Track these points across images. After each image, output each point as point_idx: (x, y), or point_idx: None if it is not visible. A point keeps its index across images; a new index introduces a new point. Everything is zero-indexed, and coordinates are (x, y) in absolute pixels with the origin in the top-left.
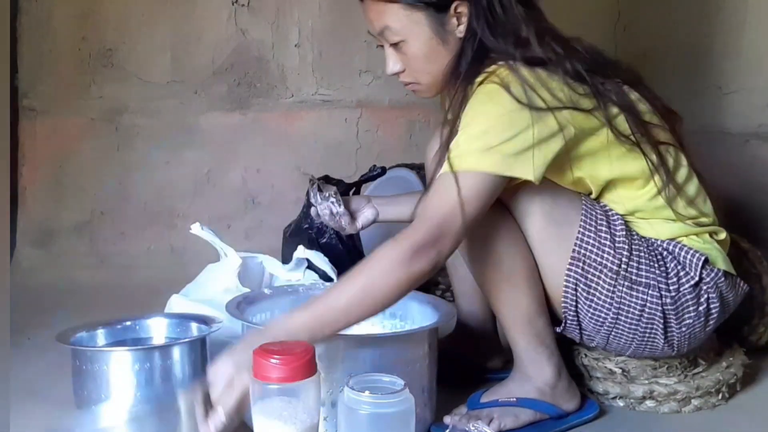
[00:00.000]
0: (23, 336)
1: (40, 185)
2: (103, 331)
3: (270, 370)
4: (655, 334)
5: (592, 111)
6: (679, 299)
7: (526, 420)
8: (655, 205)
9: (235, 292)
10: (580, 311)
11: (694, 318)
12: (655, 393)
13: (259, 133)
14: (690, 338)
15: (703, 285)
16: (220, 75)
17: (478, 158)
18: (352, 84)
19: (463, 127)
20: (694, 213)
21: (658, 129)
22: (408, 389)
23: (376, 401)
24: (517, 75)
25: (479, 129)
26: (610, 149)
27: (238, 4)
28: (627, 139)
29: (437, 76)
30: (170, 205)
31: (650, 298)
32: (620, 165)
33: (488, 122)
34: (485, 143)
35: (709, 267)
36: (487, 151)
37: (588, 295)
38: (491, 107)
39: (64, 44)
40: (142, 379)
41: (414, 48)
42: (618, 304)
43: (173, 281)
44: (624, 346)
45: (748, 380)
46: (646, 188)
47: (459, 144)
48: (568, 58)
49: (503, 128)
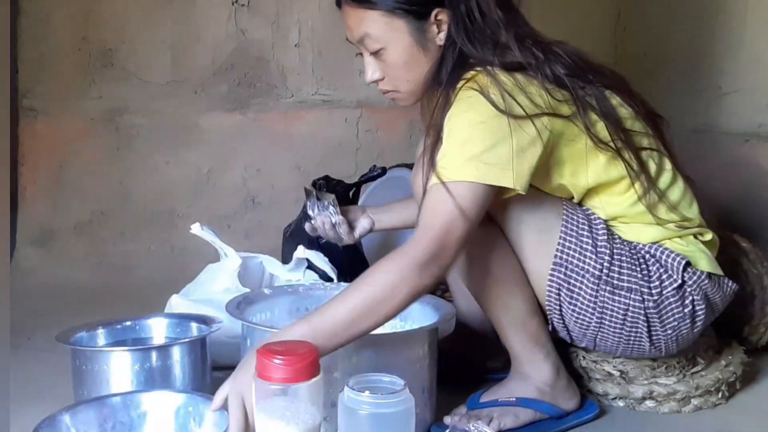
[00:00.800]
0: (23, 336)
1: (40, 185)
2: (103, 331)
3: (273, 370)
4: (640, 337)
5: (571, 117)
6: (662, 302)
7: (526, 420)
8: (636, 211)
9: (235, 292)
10: (565, 315)
11: (679, 320)
12: (655, 393)
13: (259, 133)
14: (678, 340)
15: (686, 287)
16: (220, 75)
17: (464, 168)
18: (352, 84)
19: (447, 135)
20: (676, 218)
21: (640, 135)
22: (408, 389)
23: (376, 401)
24: (496, 81)
25: (461, 138)
26: (589, 156)
27: (238, 4)
28: (606, 146)
29: (417, 83)
30: (170, 205)
31: (632, 302)
32: (600, 172)
33: (469, 131)
34: (469, 152)
35: (692, 269)
36: (470, 161)
37: (571, 300)
38: (471, 115)
39: (64, 44)
40: (141, 379)
41: (394, 55)
42: (601, 309)
43: (173, 281)
44: (612, 348)
45: (748, 379)
46: (626, 194)
47: (445, 153)
48: (549, 63)
49: (483, 137)
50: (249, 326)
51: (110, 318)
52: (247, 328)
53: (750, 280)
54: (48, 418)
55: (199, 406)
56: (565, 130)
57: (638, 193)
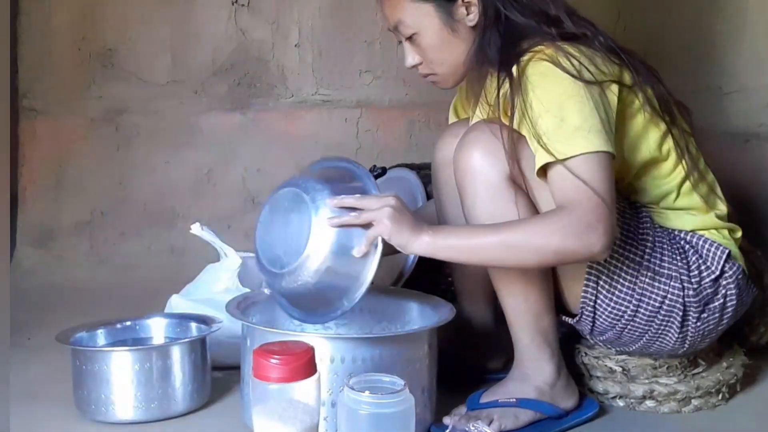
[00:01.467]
0: (23, 336)
1: (40, 185)
2: (103, 331)
3: (270, 370)
4: (670, 328)
5: (633, 87)
6: (701, 292)
7: (526, 420)
8: (682, 191)
9: (235, 292)
10: (599, 305)
11: (711, 312)
12: (655, 393)
13: (259, 133)
14: (704, 334)
15: (723, 280)
16: (220, 75)
17: (582, 140)
18: (352, 84)
19: (536, 113)
20: (716, 204)
21: (680, 117)
22: (408, 389)
23: (376, 401)
24: (563, 51)
25: (555, 112)
26: (645, 130)
27: (238, 4)
28: (661, 119)
29: (453, 65)
30: (170, 205)
31: (672, 289)
32: (654, 148)
33: (559, 103)
34: (574, 124)
35: (732, 261)
36: (583, 131)
37: (610, 287)
38: (552, 87)
39: (64, 44)
40: (142, 379)
41: (426, 39)
42: (639, 296)
43: (173, 281)
44: (635, 340)
45: (749, 381)
46: (674, 174)
47: (548, 131)
48: (601, 34)
49: (575, 108)
50: (249, 326)
51: (110, 318)
52: (247, 328)
53: (751, 279)
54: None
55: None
56: (627, 101)
57: (685, 170)
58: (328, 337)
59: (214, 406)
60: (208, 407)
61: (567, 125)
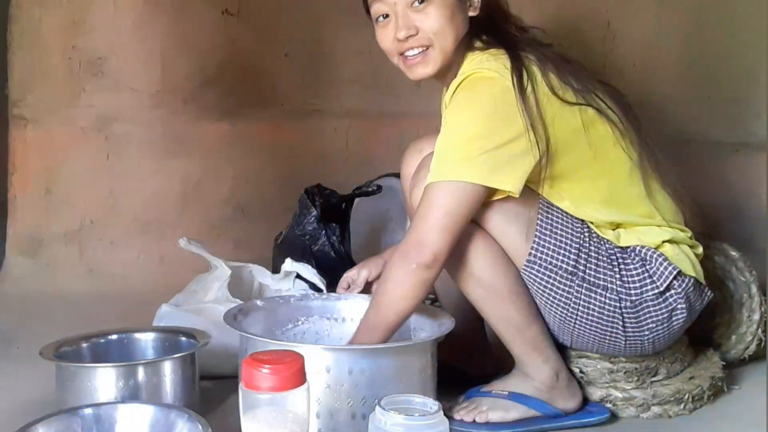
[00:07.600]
0: (12, 345)
1: (30, 194)
2: (88, 345)
3: (259, 379)
4: (616, 335)
5: (600, 113)
6: (640, 304)
7: (516, 416)
8: (637, 204)
9: (224, 302)
10: (544, 308)
11: (657, 323)
12: (612, 397)
13: (249, 143)
14: (654, 341)
15: (669, 295)
16: (209, 84)
17: (457, 168)
18: (341, 93)
19: (444, 130)
20: (674, 217)
21: (634, 133)
22: (442, 411)
23: (410, 422)
24: (517, 64)
25: (462, 135)
26: (603, 145)
27: (228, 13)
28: (615, 127)
29: (449, 42)
30: (160, 215)
31: (609, 300)
32: (603, 155)
33: (471, 126)
34: (466, 152)
35: (681, 277)
36: (466, 161)
37: (543, 294)
38: (464, 110)
39: (54, 53)
40: (127, 395)
41: (441, 8)
42: (576, 304)
43: (163, 291)
44: (588, 345)
45: (722, 393)
46: (625, 181)
47: (439, 150)
48: (556, 57)
49: (474, 132)
50: (247, 337)
51: (98, 330)
52: (246, 339)
53: (738, 287)
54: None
55: (170, 418)
56: (587, 123)
57: (636, 179)
58: (327, 348)
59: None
60: None
61: (463, 149)
